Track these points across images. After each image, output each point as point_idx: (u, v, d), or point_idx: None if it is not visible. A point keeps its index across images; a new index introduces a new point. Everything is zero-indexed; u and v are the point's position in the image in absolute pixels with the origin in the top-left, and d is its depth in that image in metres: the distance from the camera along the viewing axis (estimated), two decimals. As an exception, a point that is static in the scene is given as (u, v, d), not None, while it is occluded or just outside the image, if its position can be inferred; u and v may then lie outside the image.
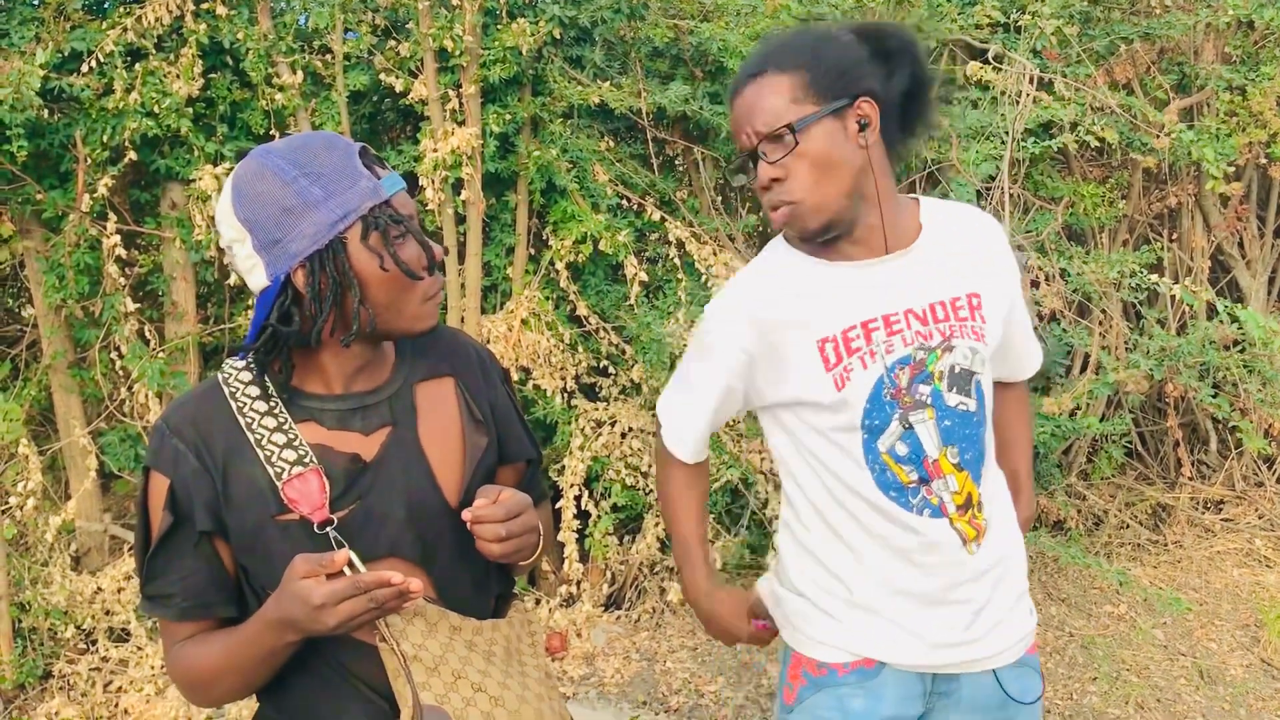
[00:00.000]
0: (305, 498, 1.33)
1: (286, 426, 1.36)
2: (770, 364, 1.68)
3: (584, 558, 3.96)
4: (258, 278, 1.32)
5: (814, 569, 1.74)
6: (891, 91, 1.60)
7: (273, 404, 1.37)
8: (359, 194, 1.30)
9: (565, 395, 4.00)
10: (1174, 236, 4.86)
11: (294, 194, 1.28)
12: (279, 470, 1.34)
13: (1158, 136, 4.07)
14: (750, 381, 1.72)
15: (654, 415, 4.09)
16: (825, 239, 1.64)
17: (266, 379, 1.38)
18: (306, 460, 1.35)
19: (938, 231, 1.69)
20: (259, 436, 1.35)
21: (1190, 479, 4.81)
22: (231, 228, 1.32)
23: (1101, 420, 4.31)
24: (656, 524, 3.93)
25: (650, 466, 3.95)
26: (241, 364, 1.40)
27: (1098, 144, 4.11)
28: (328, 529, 1.33)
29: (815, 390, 1.63)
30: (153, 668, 3.58)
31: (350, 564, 1.27)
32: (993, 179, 3.92)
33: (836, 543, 1.70)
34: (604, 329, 4.03)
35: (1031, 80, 3.93)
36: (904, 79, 1.61)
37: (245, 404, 1.37)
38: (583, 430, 3.94)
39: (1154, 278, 3.99)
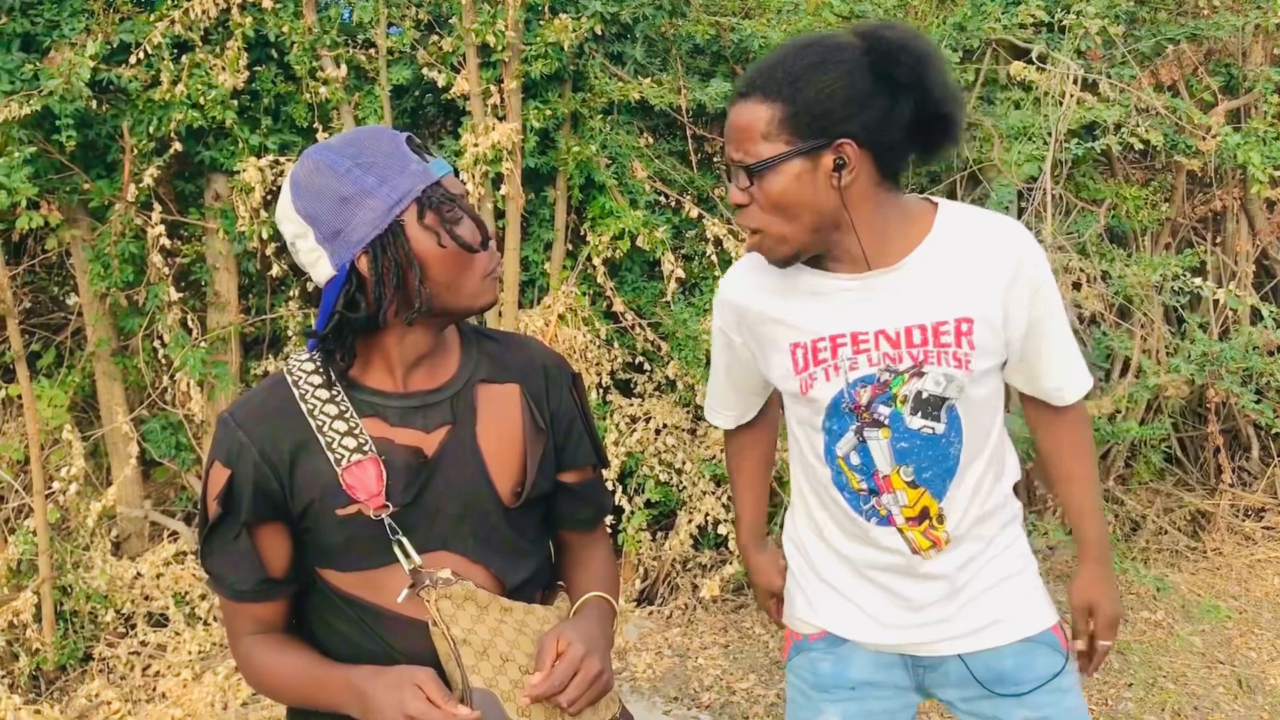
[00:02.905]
0: (362, 485, 1.37)
1: (348, 415, 1.40)
2: (758, 348, 1.72)
3: (617, 553, 3.97)
4: (323, 269, 1.36)
5: (795, 547, 1.86)
6: (894, 122, 1.49)
7: (335, 393, 1.41)
8: (411, 177, 1.34)
9: (600, 391, 4.01)
10: (1218, 240, 4.80)
11: (349, 184, 1.32)
12: (339, 457, 1.38)
13: (1203, 138, 4.02)
14: (750, 359, 1.76)
15: (689, 411, 4.11)
16: (800, 261, 1.60)
17: (330, 369, 1.42)
18: (366, 449, 1.38)
19: (943, 245, 1.58)
20: (321, 423, 1.39)
21: (1231, 486, 4.75)
22: (293, 223, 1.36)
23: (1141, 425, 4.26)
24: (690, 520, 3.93)
25: (684, 463, 3.95)
26: (305, 357, 1.45)
27: (1141, 146, 4.07)
28: (383, 516, 1.37)
29: (787, 386, 1.68)
30: (190, 653, 3.63)
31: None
32: (1034, 180, 3.89)
33: (810, 521, 1.80)
34: (640, 325, 4.04)
35: (1075, 81, 3.90)
36: (907, 107, 1.49)
37: (308, 391, 1.41)
38: (617, 426, 3.95)
39: (1197, 281, 3.95)
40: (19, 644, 3.58)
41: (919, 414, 1.60)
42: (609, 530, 3.86)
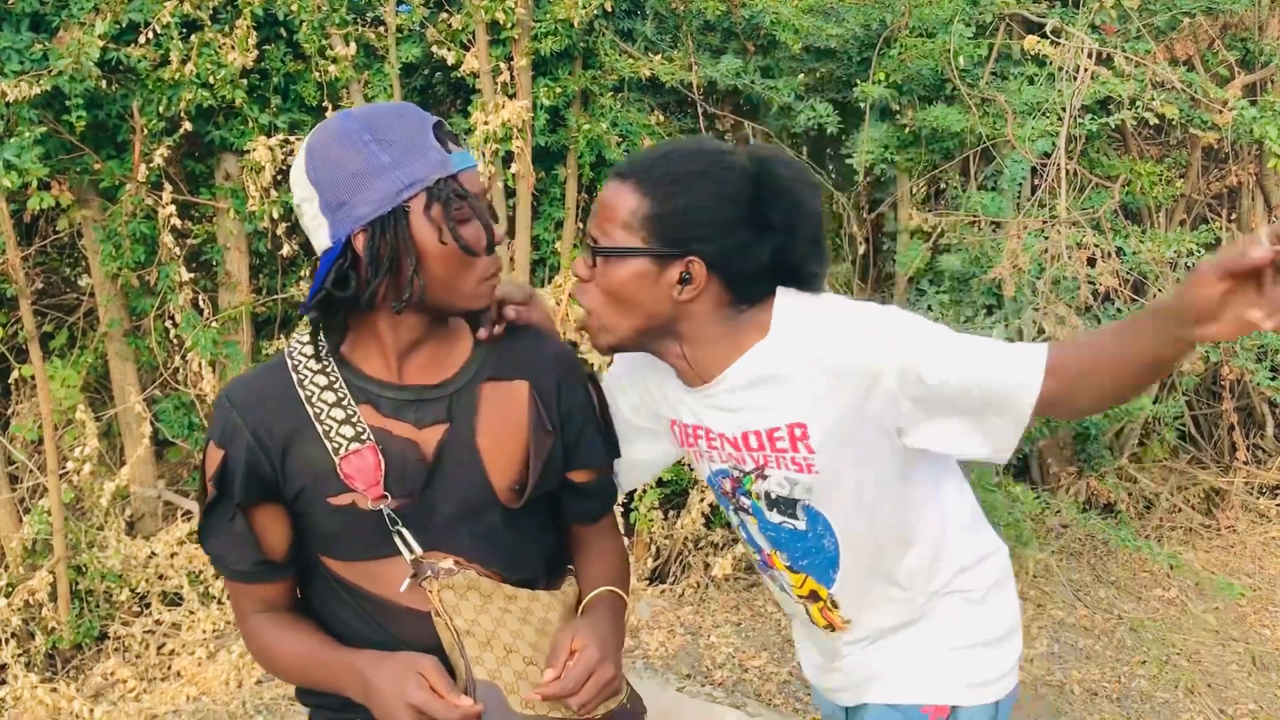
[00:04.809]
0: (361, 474, 1.35)
1: (345, 403, 1.37)
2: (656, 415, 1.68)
3: (629, 532, 3.97)
4: (321, 238, 1.33)
5: None
6: (752, 256, 1.44)
7: (333, 379, 1.38)
8: (426, 165, 1.30)
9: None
10: (1233, 217, 4.76)
11: (363, 159, 1.29)
12: (336, 446, 1.35)
13: (1220, 112, 3.98)
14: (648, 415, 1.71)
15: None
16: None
17: (321, 345, 1.40)
18: (364, 437, 1.36)
19: (769, 353, 1.49)
20: (318, 411, 1.36)
21: (1245, 463, 4.73)
22: (302, 186, 1.33)
23: (1155, 402, 4.24)
24: (701, 499, 3.93)
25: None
26: (305, 339, 1.42)
27: (1156, 122, 4.03)
28: (381, 507, 1.35)
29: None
30: (204, 632, 3.64)
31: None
32: (1048, 156, 3.86)
33: None
34: (651, 304, 4.02)
35: (1090, 55, 3.86)
36: (769, 246, 1.44)
37: (306, 376, 1.38)
38: (629, 405, 3.94)
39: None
40: (35, 623, 3.60)
41: (774, 510, 1.57)
42: (622, 511, 3.87)
